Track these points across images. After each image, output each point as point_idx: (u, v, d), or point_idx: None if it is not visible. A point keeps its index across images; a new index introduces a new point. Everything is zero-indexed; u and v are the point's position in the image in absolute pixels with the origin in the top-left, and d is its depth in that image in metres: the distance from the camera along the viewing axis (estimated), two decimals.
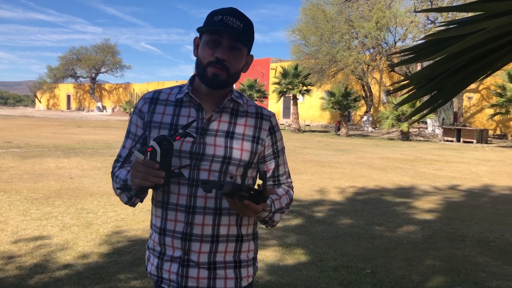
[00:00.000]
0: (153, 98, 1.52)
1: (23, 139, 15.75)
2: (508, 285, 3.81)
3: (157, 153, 1.25)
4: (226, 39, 1.39)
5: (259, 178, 1.49)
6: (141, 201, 1.45)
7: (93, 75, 60.74)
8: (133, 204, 1.47)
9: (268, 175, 1.56)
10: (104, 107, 58.63)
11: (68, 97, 64.17)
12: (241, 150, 1.45)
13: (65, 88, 64.26)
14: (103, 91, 61.60)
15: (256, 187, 1.40)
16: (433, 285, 3.78)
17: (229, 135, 1.45)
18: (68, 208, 5.98)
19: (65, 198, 6.60)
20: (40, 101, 66.97)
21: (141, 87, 54.67)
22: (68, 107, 63.61)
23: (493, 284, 3.83)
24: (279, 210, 1.50)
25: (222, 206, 1.43)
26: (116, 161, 1.58)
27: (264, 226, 1.68)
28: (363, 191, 7.89)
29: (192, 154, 1.42)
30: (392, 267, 4.14)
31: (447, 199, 7.50)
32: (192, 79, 1.54)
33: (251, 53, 1.53)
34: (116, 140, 16.68)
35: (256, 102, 1.59)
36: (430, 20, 24.17)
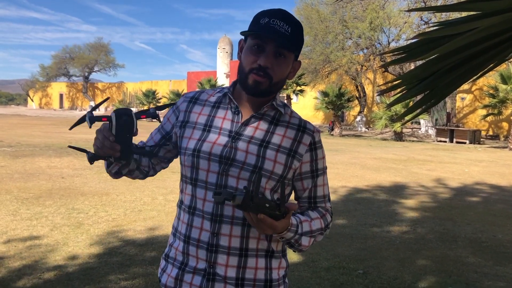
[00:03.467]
0: (193, 97, 1.46)
1: (15, 138, 15.63)
2: (500, 286, 3.82)
3: (112, 126, 1.20)
4: (271, 45, 1.29)
5: (281, 189, 1.38)
6: (124, 175, 1.42)
7: (86, 74, 60.39)
8: (114, 175, 1.42)
9: (304, 195, 1.43)
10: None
11: (61, 96, 63.74)
12: (274, 162, 1.33)
13: (58, 87, 63.81)
14: (96, 90, 61.26)
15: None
16: (425, 286, 3.78)
17: (264, 144, 1.34)
18: (58, 208, 5.93)
19: (56, 198, 6.54)
20: (32, 100, 66.44)
21: (135, 86, 54.43)
22: (61, 106, 63.18)
23: (485, 284, 3.83)
24: (307, 233, 1.35)
25: None
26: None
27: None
28: (356, 191, 7.89)
29: (222, 158, 1.32)
30: (384, 268, 4.13)
31: (439, 199, 7.51)
32: (235, 82, 1.44)
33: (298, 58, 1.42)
34: None
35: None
36: (423, 21, 24.24)
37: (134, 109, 1.28)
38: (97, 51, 60.28)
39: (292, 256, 4.32)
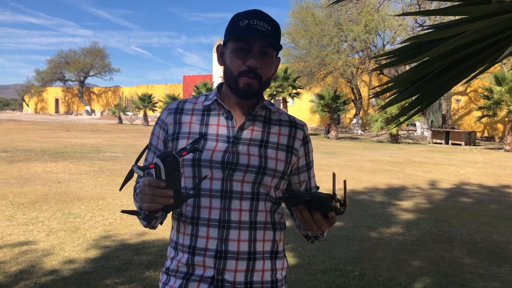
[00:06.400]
0: (178, 108, 1.43)
1: (10, 143, 15.57)
2: (495, 286, 3.84)
3: (161, 170, 1.12)
4: (257, 45, 1.30)
5: (332, 184, 1.39)
6: (161, 223, 1.35)
7: (82, 78, 60.31)
8: (152, 227, 1.34)
9: (301, 188, 1.48)
10: (92, 111, 58.20)
11: (57, 100, 63.57)
12: (276, 160, 1.37)
13: (54, 92, 63.65)
14: (91, 94, 61.15)
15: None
16: (421, 287, 3.79)
17: (263, 144, 1.37)
18: (55, 213, 5.92)
19: (52, 202, 6.53)
20: (28, 105, 66.23)
21: (130, 90, 54.38)
22: (57, 110, 63.01)
23: (480, 285, 3.85)
24: None
25: (257, 219, 1.35)
26: (139, 176, 1.47)
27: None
28: (352, 194, 7.92)
29: (224, 164, 1.32)
30: (380, 270, 4.15)
31: (435, 201, 7.55)
32: (219, 87, 1.44)
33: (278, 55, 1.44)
34: (105, 144, 16.56)
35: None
36: (418, 23, 24.37)
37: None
38: (93, 55, 60.24)
39: (289, 259, 4.33)
